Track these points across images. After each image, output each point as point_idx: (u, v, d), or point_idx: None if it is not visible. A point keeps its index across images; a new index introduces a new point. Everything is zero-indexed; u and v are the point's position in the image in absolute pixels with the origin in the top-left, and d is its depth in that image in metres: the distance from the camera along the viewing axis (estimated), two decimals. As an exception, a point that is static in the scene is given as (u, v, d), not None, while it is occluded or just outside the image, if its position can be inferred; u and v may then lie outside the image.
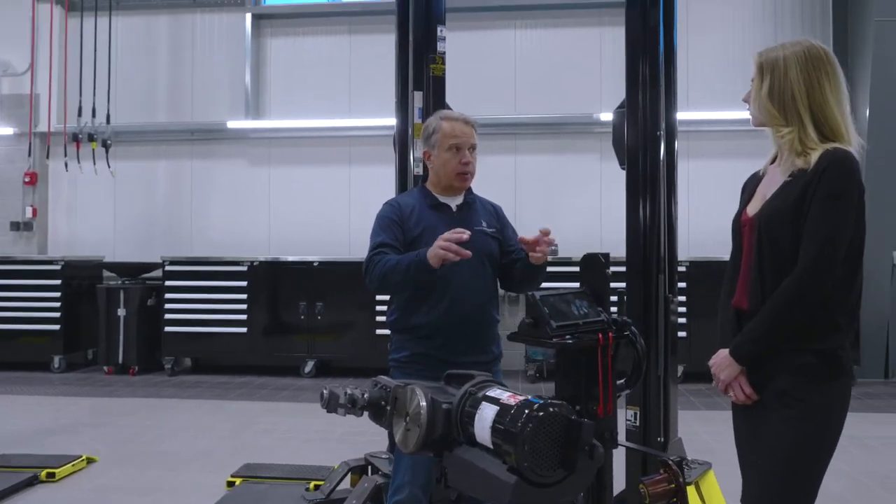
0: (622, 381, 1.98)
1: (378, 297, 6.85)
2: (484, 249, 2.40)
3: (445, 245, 2.10)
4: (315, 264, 7.01)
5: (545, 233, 2.22)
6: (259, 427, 5.06)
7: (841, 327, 1.68)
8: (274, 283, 7.12)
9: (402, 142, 3.41)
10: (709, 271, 6.10)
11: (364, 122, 7.76)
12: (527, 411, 1.41)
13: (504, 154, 7.60)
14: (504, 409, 1.46)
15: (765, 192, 1.82)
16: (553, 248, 2.23)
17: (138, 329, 7.10)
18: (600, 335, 1.78)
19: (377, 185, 7.78)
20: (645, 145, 3.18)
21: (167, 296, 7.11)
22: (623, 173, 3.20)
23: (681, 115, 3.38)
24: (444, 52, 3.34)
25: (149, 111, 8.05)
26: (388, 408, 1.80)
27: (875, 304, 6.29)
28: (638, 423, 3.04)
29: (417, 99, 3.29)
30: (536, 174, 7.64)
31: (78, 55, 7.41)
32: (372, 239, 2.46)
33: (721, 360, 1.79)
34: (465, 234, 2.13)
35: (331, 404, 1.85)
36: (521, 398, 1.49)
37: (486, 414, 1.50)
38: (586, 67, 7.62)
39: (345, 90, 7.91)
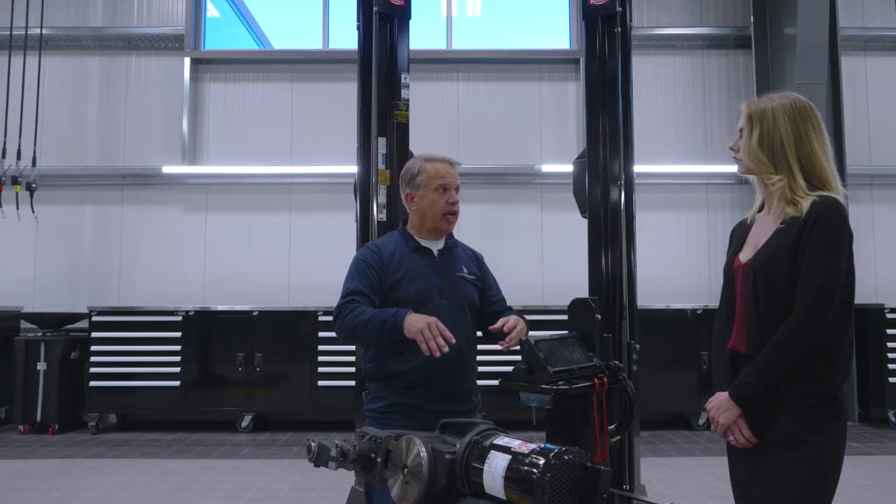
0: (612, 426, 1.97)
1: (321, 348, 6.70)
2: (464, 296, 2.36)
3: (427, 335, 2.02)
4: (254, 314, 6.78)
5: (507, 328, 2.22)
6: (198, 487, 4.75)
7: (839, 369, 1.72)
8: (210, 333, 6.82)
9: (364, 188, 3.37)
10: (651, 318, 6.23)
11: (306, 169, 7.70)
12: (545, 459, 1.36)
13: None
14: (518, 457, 1.41)
15: (756, 239, 1.87)
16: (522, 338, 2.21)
17: (60, 384, 6.64)
18: (595, 381, 1.77)
19: (318, 234, 7.73)
20: (606, 195, 3.27)
21: (93, 348, 6.69)
22: (563, 224, 3.25)
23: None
24: (407, 99, 3.34)
25: (78, 154, 7.72)
26: (379, 460, 1.72)
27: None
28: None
29: (382, 145, 3.27)
30: (479, 223, 7.71)
31: (4, 95, 7.05)
32: (345, 284, 2.37)
33: (720, 403, 1.79)
34: (452, 340, 2.05)
35: (320, 458, 1.74)
36: (534, 445, 1.44)
37: (496, 463, 1.44)
38: (527, 120, 7.84)
39: (286, 137, 7.83)
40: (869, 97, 7.83)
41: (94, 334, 6.72)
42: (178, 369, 6.68)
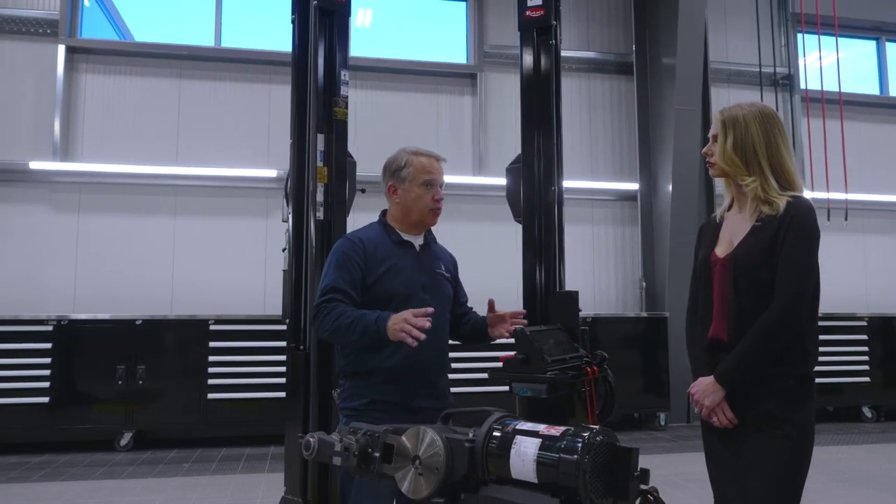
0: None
1: (212, 359, 6.36)
2: (444, 293, 2.35)
3: (407, 328, 1.99)
4: (138, 323, 6.30)
5: (519, 314, 2.21)
6: (82, 511, 4.33)
7: (811, 353, 1.89)
8: (85, 344, 6.23)
9: (299, 186, 3.25)
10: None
11: (194, 170, 7.29)
12: (581, 440, 1.38)
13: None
14: (549, 440, 1.42)
15: (730, 236, 2.02)
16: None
17: None
18: (588, 369, 1.82)
19: (208, 239, 7.34)
20: (540, 204, 3.38)
21: (-57, 362, 5.92)
22: (456, 233, 3.30)
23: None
24: (346, 96, 3.28)
25: (-74, 145, 6.86)
26: (377, 455, 1.67)
27: (682, 356, 7.08)
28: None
29: (320, 142, 3.18)
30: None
31: None
32: (324, 278, 2.28)
33: (705, 387, 1.90)
34: (428, 317, 2.02)
35: (321, 453, 1.66)
36: (562, 428, 1.45)
37: (525, 447, 1.44)
38: (424, 131, 7.90)
39: (172, 136, 7.39)
40: (731, 125, 8.61)
41: (-56, 347, 5.95)
42: (46, 384, 6.05)
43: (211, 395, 6.30)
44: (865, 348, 7.73)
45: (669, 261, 7.55)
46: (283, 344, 6.39)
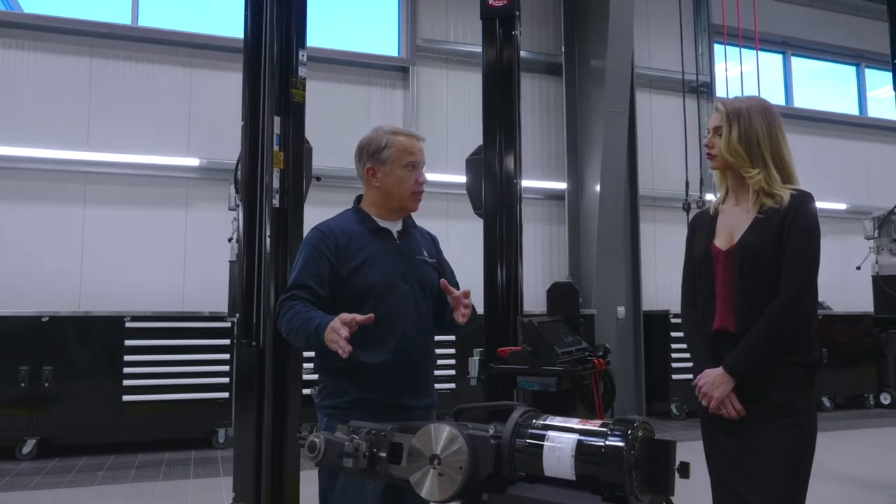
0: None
1: (128, 358, 5.94)
2: (427, 281, 2.21)
3: (334, 338, 1.80)
4: (44, 320, 5.78)
5: (465, 294, 2.09)
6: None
7: (814, 342, 1.91)
8: (-22, 343, 5.68)
9: (252, 170, 3.05)
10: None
11: (106, 156, 6.79)
12: (623, 434, 1.31)
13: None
14: (588, 435, 1.34)
15: (730, 228, 2.02)
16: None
17: None
18: (595, 361, 1.77)
19: (124, 231, 6.84)
20: (500, 199, 3.33)
21: None
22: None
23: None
24: (304, 78, 3.11)
25: None
26: (382, 455, 1.55)
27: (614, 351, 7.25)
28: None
29: (277, 125, 2.99)
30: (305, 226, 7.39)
31: None
32: (293, 271, 2.12)
33: (714, 378, 1.89)
34: (356, 324, 1.83)
35: (328, 456, 1.52)
36: (598, 422, 1.39)
37: (561, 444, 1.36)
38: (355, 123, 7.69)
39: (82, 119, 6.85)
40: (653, 129, 8.91)
41: None
42: (-66, 388, 5.47)
43: (126, 398, 5.87)
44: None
45: (596, 259, 7.70)
46: (206, 342, 6.15)
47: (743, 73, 8.00)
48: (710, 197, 8.61)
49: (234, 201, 3.12)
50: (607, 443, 1.31)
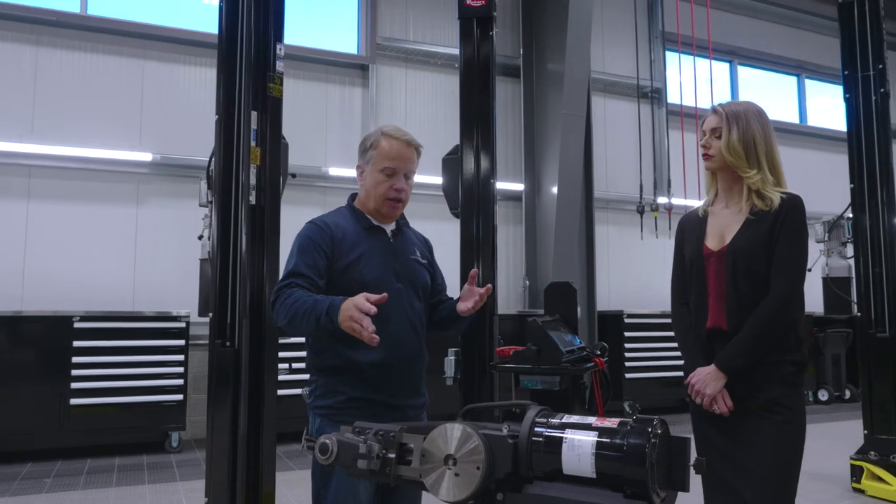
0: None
1: (76, 360, 5.70)
2: (419, 281, 2.20)
3: (355, 326, 1.77)
4: (-16, 319, 5.51)
5: (487, 290, 2.10)
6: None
7: (803, 340, 1.98)
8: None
9: (227, 166, 2.97)
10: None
11: (52, 149, 6.50)
12: (643, 432, 1.33)
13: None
14: (608, 433, 1.36)
15: (720, 230, 2.08)
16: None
17: None
18: (596, 360, 1.79)
19: (66, 227, 6.56)
20: (478, 201, 3.34)
21: None
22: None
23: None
24: (282, 73, 3.04)
25: None
26: (392, 456, 1.53)
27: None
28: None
29: (254, 120, 2.92)
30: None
31: None
32: (286, 264, 2.08)
33: (706, 376, 1.93)
34: (373, 310, 1.78)
35: (342, 458, 1.48)
36: (615, 420, 1.40)
37: (581, 442, 1.37)
38: (313, 121, 7.60)
39: (26, 109, 6.54)
40: (607, 133, 9.08)
41: None
42: None
43: (74, 401, 5.64)
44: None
45: (554, 260, 7.80)
46: (160, 343, 5.96)
47: (693, 80, 8.24)
48: (663, 200, 8.85)
49: (206, 197, 3.03)
50: (630, 440, 1.33)
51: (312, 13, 8.07)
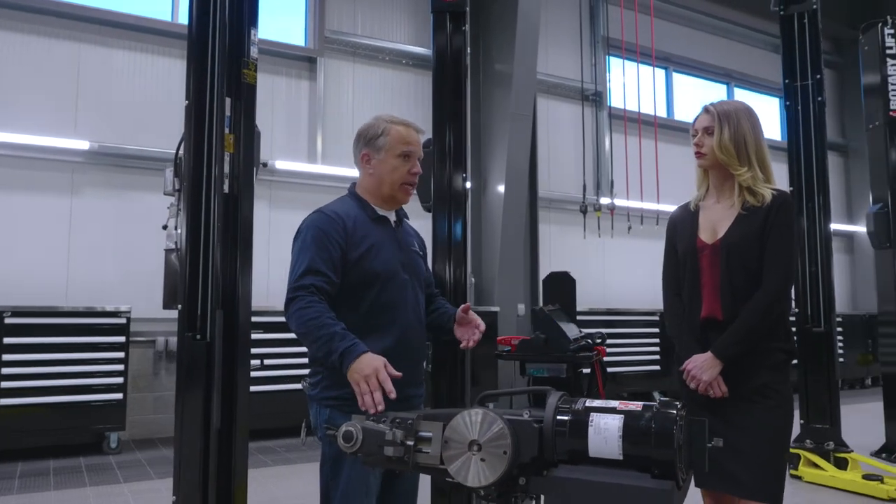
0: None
1: (6, 357, 5.39)
2: (420, 273, 2.21)
3: (365, 388, 1.77)
4: None
5: (481, 327, 2.15)
6: None
7: (790, 331, 2.09)
8: None
9: (198, 153, 2.87)
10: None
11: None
12: (668, 414, 1.38)
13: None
14: (634, 416, 1.40)
15: (713, 224, 2.17)
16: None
17: None
18: (598, 348, 1.83)
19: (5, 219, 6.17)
20: (451, 194, 3.36)
21: None
22: (294, 223, 3.17)
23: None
24: (256, 59, 2.97)
25: None
26: (410, 444, 1.53)
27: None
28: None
29: (227, 107, 2.84)
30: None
31: None
32: (301, 256, 2.02)
33: (703, 362, 2.02)
34: (392, 394, 1.79)
35: (367, 445, 1.47)
36: (639, 403, 1.44)
37: (607, 424, 1.41)
38: (258, 114, 7.41)
39: (-52, 92, 6.13)
40: (549, 134, 9.25)
41: None
42: None
43: (3, 401, 5.33)
44: (657, 340, 8.71)
45: (500, 258, 7.89)
46: (97, 340, 5.69)
47: (631, 85, 8.50)
48: (605, 200, 9.08)
49: (173, 186, 2.93)
50: (657, 423, 1.37)
51: (261, 3, 7.86)
